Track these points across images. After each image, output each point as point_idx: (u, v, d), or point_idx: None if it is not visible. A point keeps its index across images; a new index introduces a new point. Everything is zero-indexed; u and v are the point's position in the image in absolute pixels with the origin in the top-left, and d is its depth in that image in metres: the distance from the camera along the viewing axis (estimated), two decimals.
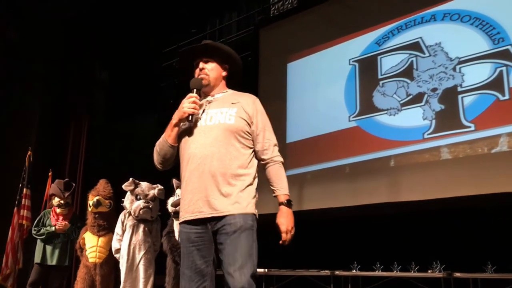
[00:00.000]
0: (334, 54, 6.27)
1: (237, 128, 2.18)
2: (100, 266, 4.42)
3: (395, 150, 5.36)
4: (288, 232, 2.16)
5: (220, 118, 2.19)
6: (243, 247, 2.07)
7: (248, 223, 2.12)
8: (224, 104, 2.25)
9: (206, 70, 2.34)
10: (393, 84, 5.58)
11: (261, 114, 2.30)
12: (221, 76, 2.39)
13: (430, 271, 4.55)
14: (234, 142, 2.16)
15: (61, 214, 4.95)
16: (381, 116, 5.58)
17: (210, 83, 2.33)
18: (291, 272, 5.57)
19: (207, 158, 2.11)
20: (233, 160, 2.14)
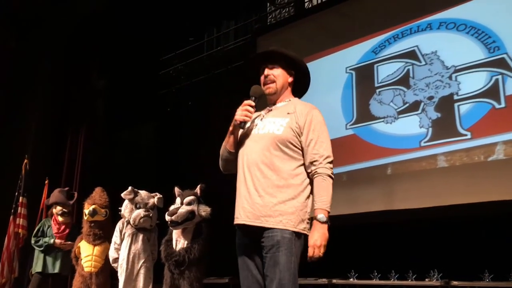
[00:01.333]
0: (331, 62, 6.29)
1: (284, 139, 2.11)
2: (95, 275, 4.39)
3: (392, 158, 5.36)
4: (315, 247, 2.03)
5: (270, 127, 2.16)
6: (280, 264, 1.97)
7: (285, 236, 2.02)
8: (280, 114, 2.21)
9: (272, 76, 2.29)
10: (389, 92, 5.60)
11: (314, 125, 2.17)
12: (287, 82, 2.33)
13: (428, 280, 4.54)
14: (279, 153, 2.10)
15: (63, 223, 4.93)
16: (378, 124, 5.59)
17: (276, 91, 2.29)
18: None
19: (252, 167, 2.11)
20: (277, 171, 2.08)
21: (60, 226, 4.93)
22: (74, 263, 4.54)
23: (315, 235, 2.04)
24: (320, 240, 2.03)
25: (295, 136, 2.13)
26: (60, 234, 4.89)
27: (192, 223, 3.93)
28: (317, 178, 2.12)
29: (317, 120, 2.19)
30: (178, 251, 3.88)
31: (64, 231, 4.93)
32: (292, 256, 2.01)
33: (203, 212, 3.96)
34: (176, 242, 3.96)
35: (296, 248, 2.05)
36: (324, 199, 2.09)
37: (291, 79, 2.34)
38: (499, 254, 4.48)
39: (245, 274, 2.13)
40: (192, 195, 4.00)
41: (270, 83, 2.28)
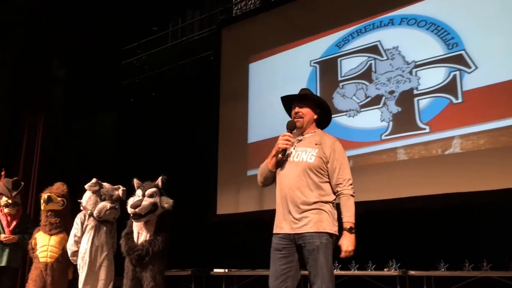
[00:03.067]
0: (296, 55, 6.33)
1: (315, 166, 2.69)
2: (51, 266, 4.28)
3: (354, 151, 5.45)
4: (347, 252, 2.61)
5: (304, 156, 2.73)
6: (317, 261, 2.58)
7: (322, 241, 2.60)
8: (309, 144, 2.78)
9: (300, 113, 2.86)
10: (352, 86, 5.69)
11: (338, 154, 2.73)
12: (313, 119, 2.90)
13: (386, 269, 4.67)
14: (313, 176, 2.68)
15: (9, 214, 4.77)
16: (341, 118, 5.67)
17: (303, 125, 2.86)
18: (251, 272, 5.59)
19: (291, 189, 2.70)
20: (311, 191, 2.66)
21: (7, 218, 4.77)
22: (31, 255, 4.41)
23: (346, 241, 2.62)
24: (350, 246, 2.62)
25: (323, 163, 2.71)
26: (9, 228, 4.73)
27: (155, 215, 3.90)
28: (343, 198, 2.71)
29: (339, 150, 2.77)
30: (141, 244, 3.84)
31: (11, 223, 4.78)
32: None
33: (166, 204, 3.93)
34: (138, 234, 3.92)
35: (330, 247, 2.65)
36: (349, 214, 2.67)
37: (316, 117, 2.91)
38: (454, 244, 4.65)
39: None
40: (154, 187, 3.95)
41: (299, 119, 2.86)
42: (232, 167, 6.67)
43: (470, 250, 4.50)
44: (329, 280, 2.56)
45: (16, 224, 4.81)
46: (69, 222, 4.43)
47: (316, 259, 2.57)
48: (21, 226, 4.82)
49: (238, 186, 6.55)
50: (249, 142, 6.52)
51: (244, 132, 6.61)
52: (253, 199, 6.27)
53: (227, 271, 5.74)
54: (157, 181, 4.03)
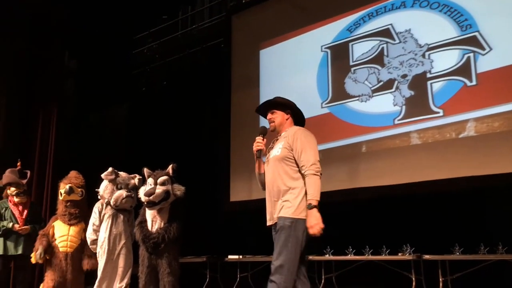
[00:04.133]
0: (307, 40, 6.28)
1: (282, 156, 2.93)
2: (71, 255, 4.36)
3: (366, 136, 5.43)
4: (311, 227, 2.73)
5: (275, 152, 3.02)
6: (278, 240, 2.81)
7: (285, 223, 2.78)
8: (280, 141, 3.06)
9: (272, 119, 3.17)
10: (364, 70, 5.63)
11: (300, 140, 2.92)
12: (285, 119, 3.16)
13: (401, 254, 4.66)
14: (283, 166, 2.91)
15: (21, 203, 4.85)
16: (353, 103, 5.64)
17: (275, 128, 3.17)
18: (265, 258, 5.62)
19: (270, 183, 2.97)
20: (282, 180, 2.89)
21: (19, 208, 4.85)
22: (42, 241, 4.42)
23: (308, 219, 2.76)
24: (310, 222, 2.74)
25: (289, 152, 2.93)
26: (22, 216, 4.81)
27: (167, 203, 3.93)
28: (306, 178, 2.85)
29: (302, 137, 2.94)
30: (156, 231, 3.87)
31: (23, 212, 4.85)
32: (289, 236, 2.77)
33: (178, 191, 3.96)
34: (152, 223, 3.96)
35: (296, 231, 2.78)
36: (310, 192, 2.80)
37: (288, 116, 3.18)
38: (469, 228, 4.62)
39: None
40: (165, 175, 3.98)
41: (271, 123, 3.18)
42: (245, 154, 6.66)
43: (485, 234, 4.48)
44: (284, 259, 2.71)
45: (28, 213, 4.88)
46: (86, 212, 4.49)
47: (278, 238, 2.79)
48: (32, 214, 4.90)
49: (250, 173, 6.54)
50: None
51: (256, 119, 6.60)
52: None
53: (242, 257, 5.78)
54: (167, 169, 4.06)
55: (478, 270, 4.31)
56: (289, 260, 2.72)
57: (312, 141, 2.98)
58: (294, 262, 2.74)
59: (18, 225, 4.76)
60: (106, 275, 4.20)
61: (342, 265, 5.06)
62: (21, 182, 4.87)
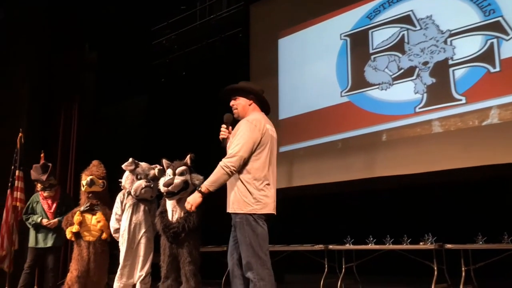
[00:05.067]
0: (325, 29, 6.22)
1: (229, 146, 2.91)
2: (93, 244, 4.44)
3: (387, 124, 5.37)
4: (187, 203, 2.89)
5: (229, 143, 2.97)
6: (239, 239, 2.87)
7: (236, 220, 2.83)
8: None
9: (234, 106, 3.10)
10: (384, 58, 5.56)
11: (239, 131, 2.87)
12: (248, 105, 3.08)
13: (422, 243, 4.61)
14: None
15: (49, 197, 4.94)
16: (373, 91, 5.58)
17: (239, 115, 3.07)
18: (285, 248, 5.63)
19: None
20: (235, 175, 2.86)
21: (48, 202, 4.95)
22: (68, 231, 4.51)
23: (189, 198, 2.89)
24: (190, 200, 2.87)
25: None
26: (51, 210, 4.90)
27: (187, 193, 3.95)
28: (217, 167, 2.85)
29: (241, 128, 2.88)
30: (176, 221, 3.91)
31: (52, 206, 4.95)
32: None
33: (197, 180, 3.99)
34: (172, 212, 3.99)
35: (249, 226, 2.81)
36: (208, 179, 2.85)
37: (251, 102, 3.09)
38: (492, 217, 4.55)
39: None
40: (183, 165, 4.01)
41: (234, 110, 3.10)
42: None
43: (509, 222, 4.40)
44: (248, 255, 2.76)
45: (57, 206, 4.98)
46: (109, 202, 4.56)
47: (238, 236, 2.85)
48: (62, 206, 4.99)
49: None
50: (280, 119, 6.50)
51: (275, 108, 6.59)
52: (284, 175, 6.28)
53: None
54: (186, 159, 4.08)
55: (502, 259, 4.25)
56: (252, 255, 2.76)
57: (250, 136, 2.86)
58: (257, 254, 2.77)
59: (47, 219, 4.87)
60: (127, 264, 4.27)
61: (362, 254, 5.04)
62: (41, 178, 4.95)
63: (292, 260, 5.89)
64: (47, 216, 4.91)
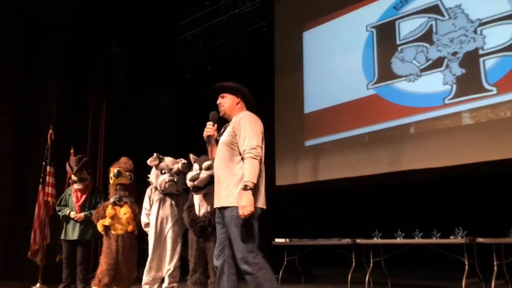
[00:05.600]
0: (351, 20, 6.14)
1: (227, 141, 2.91)
2: (122, 237, 4.49)
3: (415, 117, 5.28)
4: (242, 207, 2.69)
5: (223, 138, 2.99)
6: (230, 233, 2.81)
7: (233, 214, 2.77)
8: (229, 126, 3.01)
9: (222, 103, 3.10)
10: (412, 49, 5.46)
11: (243, 125, 2.88)
12: (235, 104, 3.09)
13: (453, 237, 4.52)
14: (226, 152, 2.91)
15: (79, 190, 5.03)
16: (400, 83, 5.49)
17: (225, 113, 3.08)
18: (313, 242, 5.61)
19: (216, 167, 2.97)
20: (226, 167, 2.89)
21: (77, 194, 5.04)
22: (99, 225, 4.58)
23: (241, 199, 2.72)
24: (244, 202, 2.69)
25: (233, 137, 2.91)
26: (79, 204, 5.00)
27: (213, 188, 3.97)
28: (245, 161, 2.82)
29: (246, 122, 2.90)
30: (203, 215, 3.93)
31: (80, 199, 5.04)
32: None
33: None
34: (199, 207, 4.02)
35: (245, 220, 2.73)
36: (246, 174, 2.76)
37: (238, 100, 3.10)
38: None
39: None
40: (210, 160, 4.02)
41: (221, 108, 3.11)
42: (290, 138, 6.66)
43: None
44: (242, 250, 2.73)
45: (85, 199, 5.07)
46: (135, 196, 4.61)
47: (231, 231, 2.78)
48: (90, 201, 5.08)
49: (296, 157, 6.55)
50: (306, 112, 6.47)
51: (300, 102, 6.56)
52: (311, 169, 6.25)
53: (288, 241, 5.80)
54: None
55: None
56: (247, 249, 2.73)
57: (257, 126, 2.92)
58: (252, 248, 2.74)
59: (75, 212, 4.96)
60: (155, 257, 4.32)
61: (390, 248, 4.98)
62: (72, 170, 5.05)
63: (319, 254, 5.87)
64: (75, 209, 5.01)
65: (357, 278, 5.01)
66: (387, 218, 5.33)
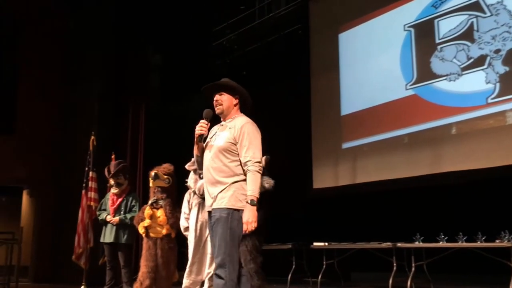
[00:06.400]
0: (388, 20, 6.05)
1: (224, 148, 2.84)
2: (161, 240, 4.55)
3: (456, 117, 5.15)
4: (247, 223, 2.68)
5: (217, 140, 2.90)
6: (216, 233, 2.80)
7: (222, 215, 2.75)
8: (225, 129, 2.93)
9: (220, 101, 3.00)
10: (452, 48, 5.32)
11: (246, 135, 2.84)
12: (233, 104, 3.01)
13: (498, 241, 4.37)
14: (222, 158, 2.84)
15: (115, 194, 5.13)
16: (440, 83, 5.36)
17: (223, 111, 2.99)
18: (352, 245, 5.54)
19: (207, 169, 2.89)
20: (220, 172, 2.83)
21: (113, 198, 5.14)
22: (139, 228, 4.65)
23: (245, 214, 2.71)
24: (251, 218, 2.68)
25: (232, 145, 2.85)
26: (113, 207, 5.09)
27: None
28: (247, 174, 2.80)
29: (249, 131, 2.85)
30: None
31: (115, 202, 5.12)
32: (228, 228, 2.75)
33: (266, 184, 3.98)
34: None
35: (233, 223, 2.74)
36: (251, 188, 2.74)
37: (236, 101, 3.02)
38: None
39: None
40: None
41: (218, 105, 2.99)
42: (327, 141, 6.62)
43: None
44: (224, 252, 2.72)
45: (120, 203, 5.15)
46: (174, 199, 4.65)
47: (216, 231, 2.77)
48: (126, 204, 5.16)
49: (333, 159, 6.50)
50: (343, 115, 6.41)
51: (337, 104, 6.50)
52: (348, 172, 6.19)
53: (327, 244, 5.75)
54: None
55: None
56: (230, 253, 2.72)
57: (259, 137, 2.89)
58: (234, 253, 2.74)
59: (110, 216, 5.06)
60: (195, 261, 4.36)
61: (433, 252, 4.85)
62: (108, 176, 5.15)
63: (358, 258, 5.79)
64: (110, 212, 5.10)
65: (398, 283, 4.92)
66: (429, 221, 5.21)
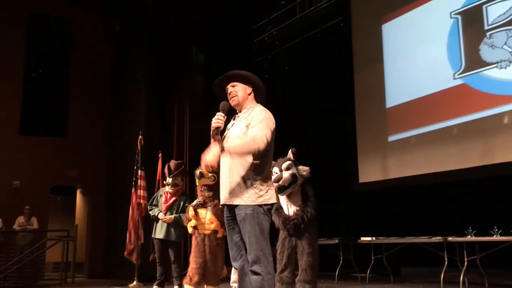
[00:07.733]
0: (433, 8, 5.88)
1: (240, 137, 2.74)
2: (208, 237, 4.62)
3: (508, 106, 4.95)
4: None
5: (234, 130, 2.83)
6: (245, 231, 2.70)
7: (247, 212, 2.67)
8: (241, 120, 2.85)
9: (234, 93, 2.91)
10: (502, 34, 5.12)
11: (256, 118, 2.75)
12: (247, 94, 2.92)
13: None
14: None
15: (169, 193, 5.24)
16: (491, 70, 5.16)
17: (239, 102, 2.90)
18: (400, 240, 5.45)
19: (226, 163, 2.78)
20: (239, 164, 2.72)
21: (166, 196, 5.24)
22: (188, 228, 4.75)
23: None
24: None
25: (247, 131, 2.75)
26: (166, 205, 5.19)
27: (297, 185, 4.01)
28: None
29: (262, 116, 2.75)
30: (294, 213, 3.99)
31: (169, 201, 5.22)
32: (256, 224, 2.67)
33: (304, 172, 4.03)
34: (287, 207, 4.07)
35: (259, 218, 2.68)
36: (235, 143, 2.69)
37: (250, 90, 2.93)
38: None
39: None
40: (288, 160, 4.07)
41: (233, 97, 2.90)
42: (372, 134, 6.52)
43: None
44: (256, 248, 2.65)
45: (173, 202, 5.26)
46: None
47: (244, 229, 2.69)
48: (179, 203, 5.27)
49: (379, 153, 6.40)
50: (388, 107, 6.29)
51: (381, 97, 6.39)
52: (395, 165, 6.08)
53: (375, 239, 5.67)
54: (288, 154, 4.14)
55: None
56: (261, 248, 2.65)
57: (271, 123, 2.78)
58: (265, 247, 2.67)
59: (162, 214, 5.18)
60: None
61: (486, 246, 4.70)
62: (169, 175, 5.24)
63: (408, 253, 5.68)
64: (162, 209, 5.22)
65: (450, 278, 4.79)
66: (481, 214, 5.04)
